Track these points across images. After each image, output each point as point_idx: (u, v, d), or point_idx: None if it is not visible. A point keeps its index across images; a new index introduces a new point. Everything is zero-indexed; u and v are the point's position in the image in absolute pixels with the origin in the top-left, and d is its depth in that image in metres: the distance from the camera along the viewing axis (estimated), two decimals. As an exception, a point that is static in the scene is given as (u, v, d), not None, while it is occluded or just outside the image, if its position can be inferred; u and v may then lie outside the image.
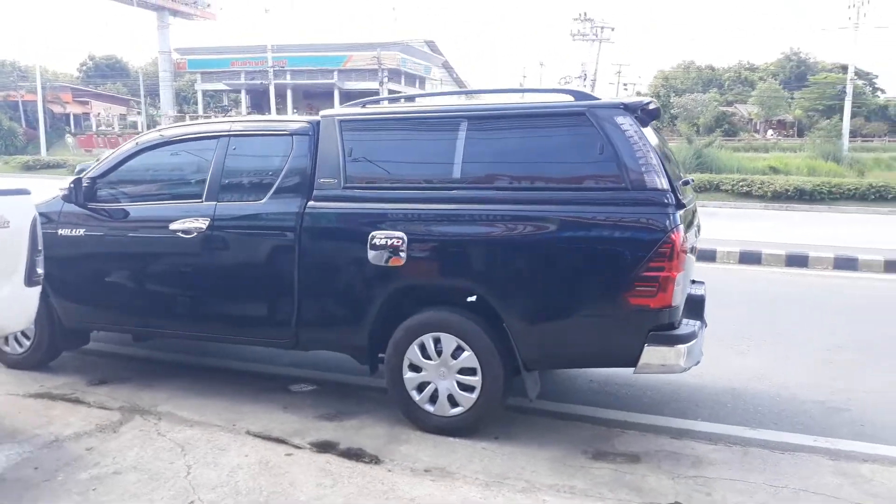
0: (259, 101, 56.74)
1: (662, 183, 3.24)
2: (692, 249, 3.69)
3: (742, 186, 20.68)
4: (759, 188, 20.32)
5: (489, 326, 3.48)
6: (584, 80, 42.53)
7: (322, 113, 3.96)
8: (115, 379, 4.43)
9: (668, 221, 3.18)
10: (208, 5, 62.08)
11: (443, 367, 3.55)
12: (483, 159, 3.54)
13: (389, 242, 3.53)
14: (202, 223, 3.92)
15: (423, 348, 3.58)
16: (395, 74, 54.89)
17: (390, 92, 51.80)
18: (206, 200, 3.99)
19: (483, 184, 3.51)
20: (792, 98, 56.98)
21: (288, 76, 54.89)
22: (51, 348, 4.52)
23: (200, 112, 57.38)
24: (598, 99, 3.53)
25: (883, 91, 58.32)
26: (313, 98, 57.06)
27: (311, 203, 3.76)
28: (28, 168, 33.76)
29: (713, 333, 4.39)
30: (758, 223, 14.68)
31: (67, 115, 58.73)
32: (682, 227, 3.23)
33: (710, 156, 30.55)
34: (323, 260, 3.73)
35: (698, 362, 3.49)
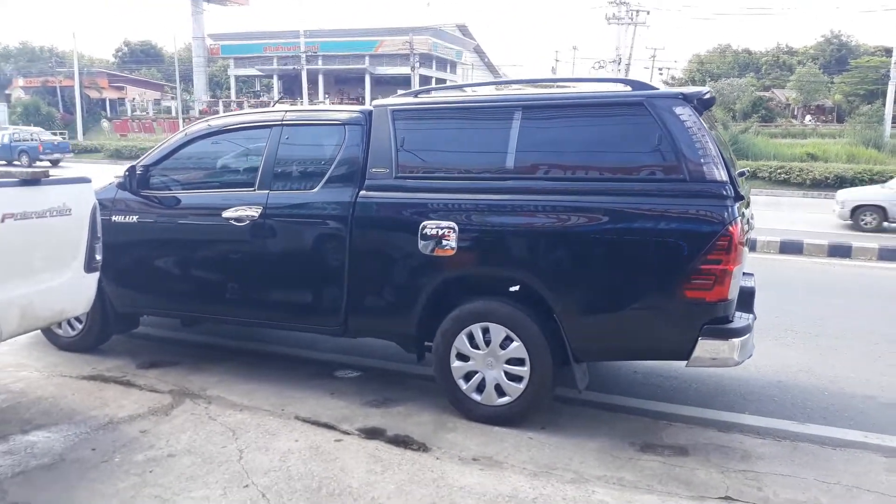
0: (291, 87, 57.03)
1: (721, 174, 3.20)
2: (746, 241, 3.65)
3: (780, 174, 20.35)
4: (797, 176, 19.98)
5: (539, 317, 3.48)
6: (619, 63, 41.92)
7: (374, 103, 3.98)
8: (164, 362, 4.53)
9: (726, 214, 3.14)
10: (241, -10, 62.63)
11: (490, 357, 3.56)
12: (537, 149, 3.53)
13: (440, 232, 3.54)
14: (255, 211, 3.97)
15: (471, 338, 3.60)
16: (426, 59, 54.74)
17: (422, 77, 51.73)
18: (259, 189, 4.04)
19: (537, 174, 3.49)
20: (832, 83, 55.52)
21: (320, 61, 55.07)
22: (102, 332, 4.63)
23: (233, 97, 57.88)
24: (656, 89, 3.49)
25: (928, 75, 56.43)
26: (345, 83, 57.22)
27: (362, 192, 3.78)
28: (66, 152, 34.35)
29: (757, 325, 4.33)
30: (796, 212, 14.42)
31: (104, 100, 59.68)
32: (740, 219, 3.18)
33: (747, 142, 30.03)
34: (374, 249, 3.76)
35: (751, 355, 3.45)
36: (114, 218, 4.35)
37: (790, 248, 9.44)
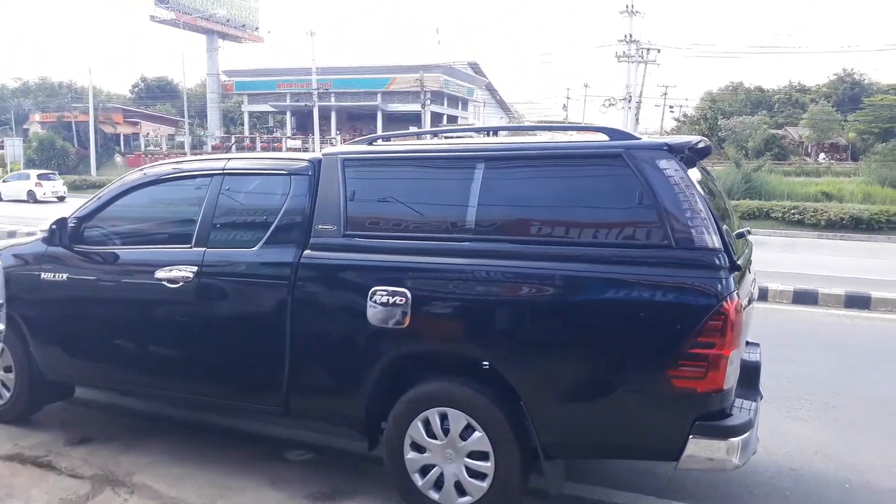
0: (304, 123, 57.46)
1: (713, 241, 2.71)
2: (748, 303, 3.15)
3: (793, 214, 19.77)
4: (811, 216, 19.39)
5: (505, 404, 2.97)
6: (629, 101, 41.81)
7: (324, 151, 3.55)
8: (97, 437, 4.04)
9: (719, 287, 2.65)
10: (256, 28, 63.64)
11: (450, 449, 3.05)
12: (502, 207, 3.06)
13: (392, 300, 3.07)
14: (189, 272, 3.52)
15: (427, 425, 3.09)
16: (437, 97, 55.00)
17: (433, 115, 51.82)
18: (196, 246, 3.59)
19: (500, 235, 3.03)
20: (845, 121, 55.15)
21: (332, 98, 55.47)
22: (32, 401, 4.15)
23: (247, 133, 58.30)
24: (637, 138, 3.03)
25: (942, 113, 55.82)
26: (357, 120, 57.52)
27: (307, 252, 3.32)
28: (75, 188, 34.48)
29: (766, 392, 3.80)
30: (810, 254, 13.84)
31: (118, 136, 60.32)
32: (737, 294, 2.69)
33: (760, 180, 29.50)
34: (318, 318, 3.29)
35: (754, 452, 2.93)
36: (43, 275, 3.91)
37: (804, 298, 8.86)
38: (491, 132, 4.53)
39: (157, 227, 4.03)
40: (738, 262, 2.79)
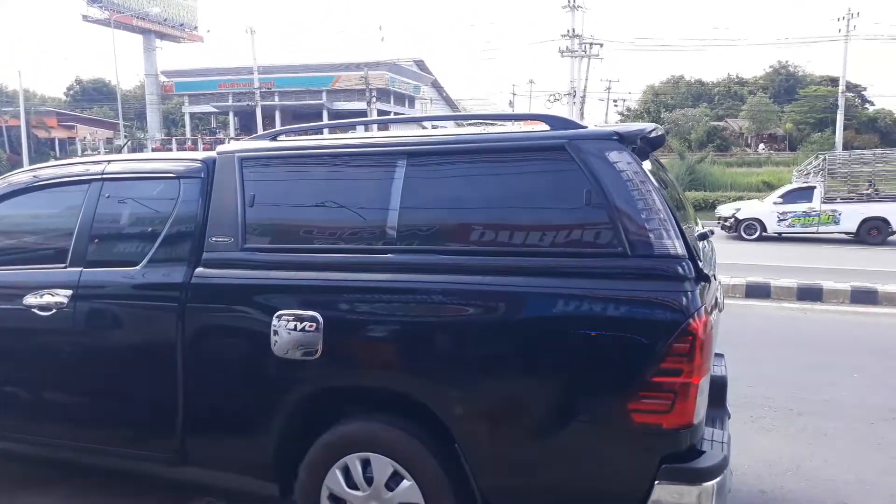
0: (248, 123, 56.07)
1: (675, 246, 2.31)
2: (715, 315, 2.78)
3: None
4: (756, 206, 19.54)
5: (438, 446, 2.51)
6: (574, 96, 41.94)
7: (219, 148, 3.02)
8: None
9: (685, 301, 2.24)
10: (195, 28, 61.73)
11: (374, 501, 2.57)
12: (427, 212, 2.60)
13: (300, 326, 2.58)
14: (63, 296, 2.96)
15: (347, 473, 2.60)
16: (383, 94, 54.35)
17: (380, 112, 51.02)
18: (71, 265, 3.03)
19: (427, 245, 2.56)
20: (782, 112, 56.56)
21: (276, 97, 54.30)
22: None
23: (188, 134, 56.62)
24: (582, 127, 2.60)
25: (872, 103, 57.78)
26: (302, 119, 56.29)
27: (199, 270, 2.80)
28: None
29: (728, 400, 3.45)
30: (760, 247, 13.81)
31: (52, 140, 57.80)
32: (705, 309, 2.29)
33: (703, 172, 29.82)
34: (214, 349, 2.78)
35: (730, 491, 2.54)
36: None
37: (757, 291, 8.67)
38: (426, 124, 4.05)
39: (28, 242, 3.43)
40: (705, 271, 2.39)
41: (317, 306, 2.59)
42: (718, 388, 3.07)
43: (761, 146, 52.97)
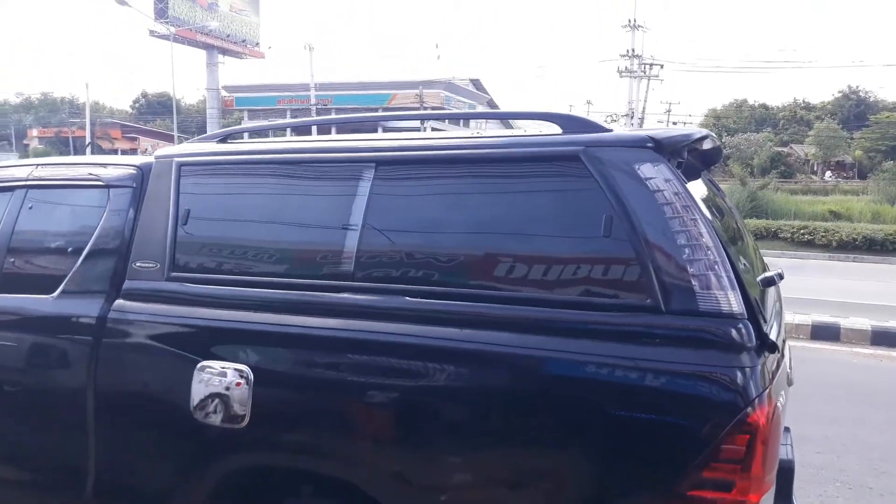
0: (303, 139, 56.78)
1: (730, 299, 1.75)
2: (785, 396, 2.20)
3: (803, 234, 18.85)
4: (822, 237, 18.45)
5: None
6: (631, 117, 41.09)
7: (158, 152, 2.57)
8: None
9: (740, 381, 1.68)
10: (257, 44, 63.00)
11: None
12: (394, 240, 2.10)
13: (224, 383, 2.10)
14: None
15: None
16: (439, 111, 54.22)
17: (433, 131, 50.77)
18: None
19: (389, 284, 2.06)
20: (851, 138, 54.31)
21: (333, 114, 54.74)
22: None
23: (246, 148, 57.66)
24: (605, 130, 2.06)
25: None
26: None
27: (118, 303, 2.35)
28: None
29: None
30: (823, 278, 12.84)
31: (115, 151, 59.63)
32: (770, 394, 1.73)
33: (766, 199, 28.64)
34: (128, 403, 2.32)
35: None
36: None
37: (824, 333, 7.87)
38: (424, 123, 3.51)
39: None
40: (770, 335, 1.82)
41: (247, 358, 2.10)
42: (783, 477, 2.47)
43: (828, 174, 50.91)
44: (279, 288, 2.17)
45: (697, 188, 2.06)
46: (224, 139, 2.62)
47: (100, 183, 2.58)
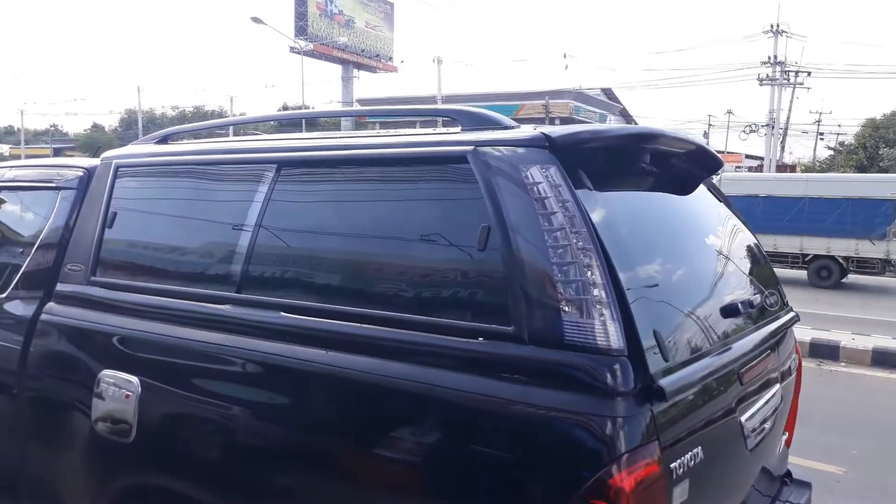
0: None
1: (609, 333, 1.42)
2: (759, 435, 1.80)
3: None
4: None
5: None
6: (773, 128, 38.54)
7: (104, 154, 2.56)
8: None
9: (606, 435, 1.36)
10: (390, 58, 65.10)
11: None
12: (281, 248, 1.93)
13: (117, 393, 1.99)
14: None
15: None
16: (567, 123, 53.62)
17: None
18: None
19: (269, 296, 1.88)
20: None
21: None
22: None
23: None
24: (507, 127, 1.77)
25: None
26: (482, 147, 56.97)
27: (49, 305, 2.34)
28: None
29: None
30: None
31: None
32: (654, 452, 1.35)
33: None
34: (46, 413, 2.29)
35: None
36: None
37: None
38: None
39: None
40: (664, 383, 1.44)
41: (136, 369, 1.97)
42: None
43: None
44: (174, 297, 2.07)
45: (654, 198, 1.73)
46: (163, 140, 2.55)
47: (51, 185, 2.62)
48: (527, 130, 1.75)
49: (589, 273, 1.47)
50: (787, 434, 2.57)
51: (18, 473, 2.37)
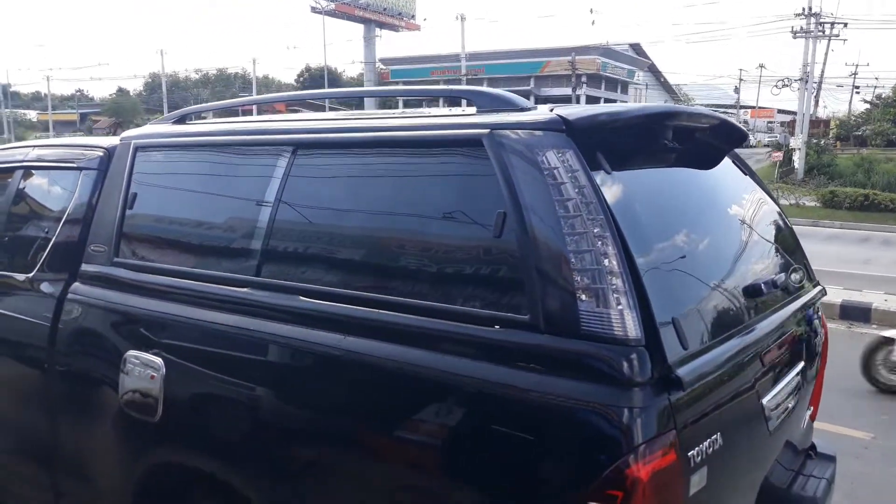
0: (455, 109, 57.43)
1: (626, 322, 1.41)
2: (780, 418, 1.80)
3: None
4: None
5: None
6: (806, 82, 37.46)
7: (123, 134, 2.56)
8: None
9: (624, 425, 1.37)
10: (413, 16, 64.18)
11: None
12: (299, 233, 1.92)
13: (143, 374, 2.02)
14: None
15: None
16: (594, 80, 52.75)
17: (589, 98, 49.35)
18: None
19: (288, 280, 1.88)
20: None
21: (485, 84, 54.71)
22: None
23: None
24: (525, 109, 1.73)
25: None
26: (507, 105, 56.30)
27: (74, 285, 2.37)
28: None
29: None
30: None
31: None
32: (672, 442, 1.38)
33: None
34: (75, 393, 2.33)
35: None
36: None
37: None
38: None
39: None
40: (682, 372, 1.42)
41: (161, 350, 2.00)
42: None
43: None
44: (193, 279, 2.07)
45: (675, 174, 1.69)
46: (181, 120, 2.54)
47: (73, 166, 2.63)
48: (543, 112, 1.70)
49: (606, 261, 1.45)
50: (812, 408, 2.54)
51: (53, 449, 2.44)
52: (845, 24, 36.57)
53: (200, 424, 2.00)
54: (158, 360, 2.02)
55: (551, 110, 1.68)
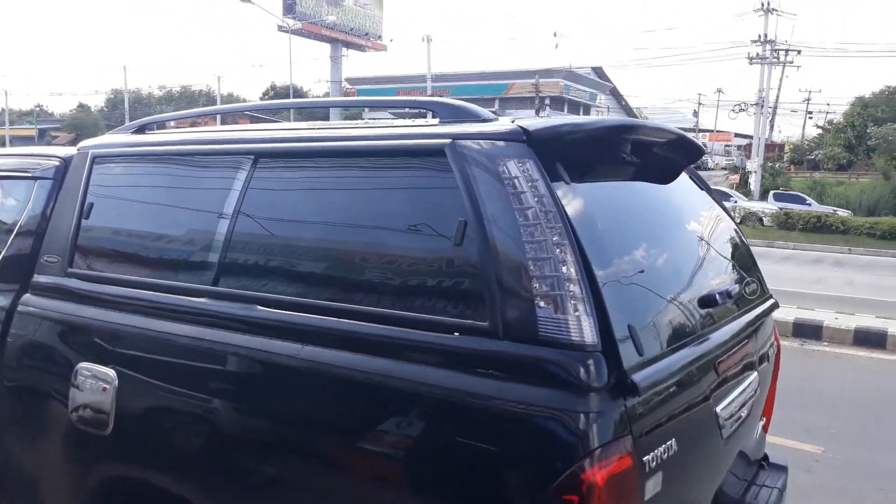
0: (420, 129, 57.80)
1: (583, 328, 1.44)
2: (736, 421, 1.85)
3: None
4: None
5: None
6: (762, 107, 38.54)
7: (81, 144, 2.53)
8: None
9: (580, 430, 1.39)
10: (379, 37, 64.47)
11: None
12: (253, 241, 1.92)
13: (94, 386, 1.99)
14: None
15: None
16: (557, 102, 53.49)
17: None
18: None
19: (246, 290, 1.87)
20: None
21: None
22: None
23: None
24: (485, 120, 1.76)
25: None
26: (472, 126, 56.79)
27: (25, 297, 2.33)
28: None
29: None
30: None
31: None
32: (627, 447, 1.40)
33: (912, 195, 26.20)
34: (22, 405, 2.29)
35: None
36: None
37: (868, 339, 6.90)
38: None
39: None
40: (637, 378, 1.45)
41: (113, 361, 1.97)
42: None
43: None
44: (150, 289, 2.05)
45: (633, 188, 1.72)
46: (140, 129, 2.52)
47: (27, 175, 2.59)
48: (504, 123, 1.73)
49: (564, 268, 1.47)
50: (764, 419, 2.60)
51: (2, 466, 2.37)
52: (799, 52, 37.85)
53: (154, 437, 1.97)
54: (111, 372, 1.99)
55: (512, 121, 1.71)
